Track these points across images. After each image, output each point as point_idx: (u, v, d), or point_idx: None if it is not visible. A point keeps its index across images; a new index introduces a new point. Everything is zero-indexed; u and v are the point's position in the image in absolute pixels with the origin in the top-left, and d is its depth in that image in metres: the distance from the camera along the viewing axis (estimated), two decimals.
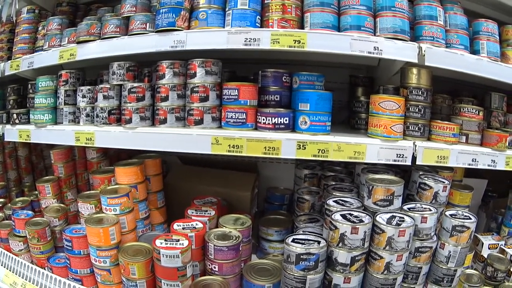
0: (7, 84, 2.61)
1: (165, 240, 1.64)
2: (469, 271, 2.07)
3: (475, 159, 1.86)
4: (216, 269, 1.68)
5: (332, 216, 1.60)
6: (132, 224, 1.83)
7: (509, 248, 2.18)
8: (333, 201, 1.73)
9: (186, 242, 1.62)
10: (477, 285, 1.98)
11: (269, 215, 2.19)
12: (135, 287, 1.70)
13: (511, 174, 2.10)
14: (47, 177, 2.26)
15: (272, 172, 2.57)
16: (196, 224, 1.77)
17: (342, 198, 1.75)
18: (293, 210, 2.12)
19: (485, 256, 2.14)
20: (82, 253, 1.83)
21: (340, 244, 1.58)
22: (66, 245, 1.86)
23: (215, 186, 2.16)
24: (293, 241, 1.59)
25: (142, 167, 1.93)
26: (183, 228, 1.74)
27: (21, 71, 2.42)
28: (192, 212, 1.88)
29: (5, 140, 2.41)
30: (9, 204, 2.42)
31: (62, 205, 2.15)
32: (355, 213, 1.64)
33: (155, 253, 1.62)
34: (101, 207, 1.85)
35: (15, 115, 2.38)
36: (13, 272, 2.07)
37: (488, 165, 1.89)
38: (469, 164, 1.86)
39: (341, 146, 1.67)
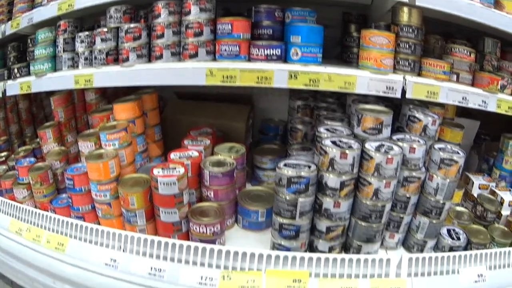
0: (7, 43, 2.66)
1: (162, 169, 1.70)
2: (459, 208, 2.13)
3: (466, 98, 1.88)
4: (212, 196, 1.75)
5: (323, 142, 1.65)
6: (130, 157, 1.90)
7: (499, 190, 2.23)
8: (324, 128, 1.77)
9: (182, 170, 1.69)
10: (467, 222, 2.05)
11: (263, 145, 2.26)
12: (135, 217, 1.77)
13: (504, 118, 2.15)
14: (48, 123, 2.32)
15: (267, 104, 2.61)
16: (192, 153, 1.83)
17: (332, 126, 1.80)
18: (287, 140, 2.18)
19: (475, 195, 2.20)
20: (83, 190, 1.90)
21: (330, 169, 1.63)
22: (68, 184, 1.93)
23: (211, 118, 2.20)
24: (285, 165, 1.65)
25: (139, 102, 1.99)
26: (179, 157, 1.80)
27: (21, 29, 2.45)
28: (188, 142, 1.93)
29: (7, 95, 2.46)
30: (12, 156, 2.49)
31: (62, 148, 2.22)
32: (345, 140, 1.69)
33: (153, 182, 1.69)
34: (100, 144, 1.91)
35: (16, 70, 2.42)
36: (18, 219, 2.14)
37: (479, 105, 1.90)
38: (460, 102, 1.88)
39: (332, 77, 1.70)
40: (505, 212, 2.13)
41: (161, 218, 1.71)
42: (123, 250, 1.74)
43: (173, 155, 1.81)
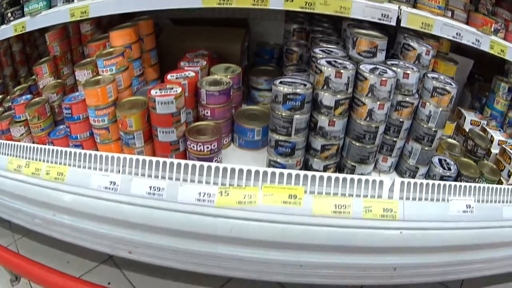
0: None
1: (160, 89, 1.71)
2: (451, 140, 2.17)
3: (460, 34, 1.90)
4: (209, 114, 1.78)
5: (318, 61, 1.67)
6: (127, 81, 1.91)
7: (490, 129, 2.28)
8: (320, 49, 1.79)
9: (179, 89, 1.70)
10: (458, 155, 2.09)
11: (259, 66, 2.27)
12: (133, 139, 1.79)
13: (498, 62, 2.17)
14: (43, 59, 2.30)
15: (262, 28, 2.61)
16: (189, 74, 1.84)
17: (328, 48, 1.82)
18: (282, 62, 2.20)
19: (467, 130, 2.25)
20: (81, 118, 1.91)
21: (325, 87, 1.66)
22: (66, 113, 1.93)
23: (206, 41, 2.21)
24: (280, 83, 1.67)
25: (136, 29, 1.99)
26: (176, 78, 1.82)
27: None
28: (185, 64, 1.95)
29: (0, 39, 2.44)
30: (8, 97, 2.48)
31: (59, 80, 2.23)
32: (340, 61, 1.71)
33: (151, 102, 1.70)
34: (97, 71, 1.92)
35: (9, 14, 2.38)
36: (16, 157, 2.15)
37: (472, 43, 1.93)
38: (454, 37, 1.90)
39: (327, 1, 1.71)
40: (494, 150, 2.18)
41: (159, 138, 1.74)
42: (122, 173, 1.77)
43: (170, 76, 1.83)
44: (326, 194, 1.67)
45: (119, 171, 1.77)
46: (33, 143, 2.17)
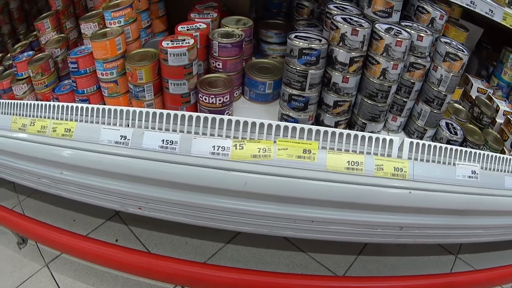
0: None
1: (171, 41, 1.67)
2: (457, 105, 2.19)
3: (474, 2, 1.88)
4: (220, 66, 1.75)
5: (334, 18, 1.65)
6: (136, 33, 1.87)
7: (496, 98, 2.30)
8: (334, 6, 1.77)
9: (191, 41, 1.67)
10: (464, 120, 2.11)
11: (268, 19, 2.21)
12: (142, 91, 1.76)
13: (508, 32, 2.16)
14: (45, 14, 2.22)
15: None
16: (200, 25, 1.81)
17: (342, 5, 1.79)
18: (292, 16, 2.17)
19: (473, 97, 2.27)
20: (88, 71, 1.86)
21: (341, 44, 1.64)
22: (72, 68, 1.87)
23: None
24: (295, 37, 1.65)
25: None
26: (187, 30, 1.79)
27: None
28: (195, 15, 1.91)
29: None
30: (8, 55, 2.40)
31: (62, 35, 2.15)
32: (355, 19, 1.69)
33: (162, 54, 1.66)
34: (104, 23, 1.86)
35: None
36: (20, 116, 2.07)
37: (486, 13, 1.91)
38: (467, 5, 1.87)
39: None
40: (499, 119, 2.20)
41: (170, 90, 1.70)
42: (133, 127, 1.73)
43: (180, 28, 1.79)
44: (338, 150, 1.66)
45: (128, 125, 1.73)
46: (37, 100, 2.11)
